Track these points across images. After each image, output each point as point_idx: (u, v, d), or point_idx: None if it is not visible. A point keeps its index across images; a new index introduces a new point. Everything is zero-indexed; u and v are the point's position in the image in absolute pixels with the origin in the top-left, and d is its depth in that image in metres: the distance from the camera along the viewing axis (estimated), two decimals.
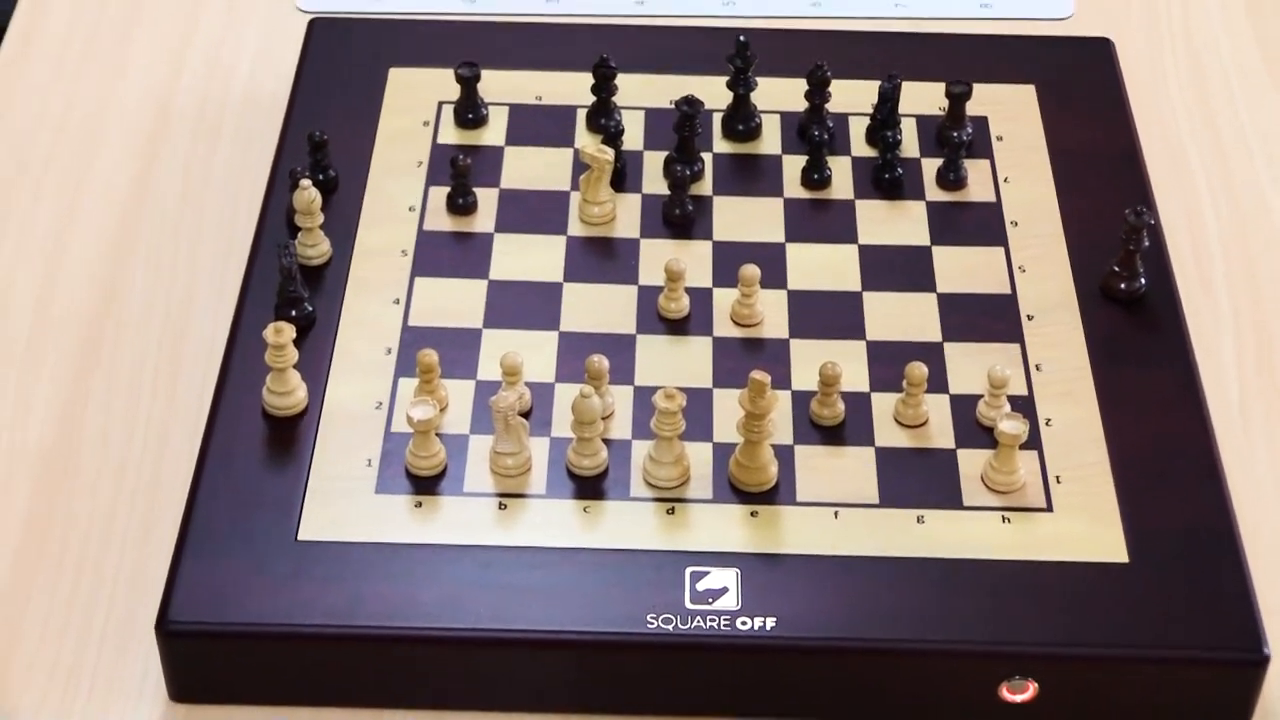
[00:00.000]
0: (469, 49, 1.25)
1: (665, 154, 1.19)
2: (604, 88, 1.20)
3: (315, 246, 1.12)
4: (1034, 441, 1.04)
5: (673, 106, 1.18)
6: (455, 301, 1.11)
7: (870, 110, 1.22)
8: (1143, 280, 1.12)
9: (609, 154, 1.14)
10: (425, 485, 1.01)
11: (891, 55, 1.27)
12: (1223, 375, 1.14)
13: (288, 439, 1.03)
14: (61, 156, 1.26)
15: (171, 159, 1.26)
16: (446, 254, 1.14)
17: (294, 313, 1.08)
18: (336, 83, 1.24)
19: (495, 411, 1.00)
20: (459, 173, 1.15)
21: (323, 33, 1.28)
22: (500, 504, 1.00)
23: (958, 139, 1.18)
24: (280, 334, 1.02)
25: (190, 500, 1.00)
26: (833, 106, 1.22)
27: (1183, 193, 1.25)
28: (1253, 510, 1.06)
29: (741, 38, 1.19)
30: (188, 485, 1.01)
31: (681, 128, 1.17)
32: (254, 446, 1.03)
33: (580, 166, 1.17)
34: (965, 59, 1.27)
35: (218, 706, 0.97)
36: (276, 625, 0.95)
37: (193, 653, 0.96)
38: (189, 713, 0.97)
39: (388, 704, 0.97)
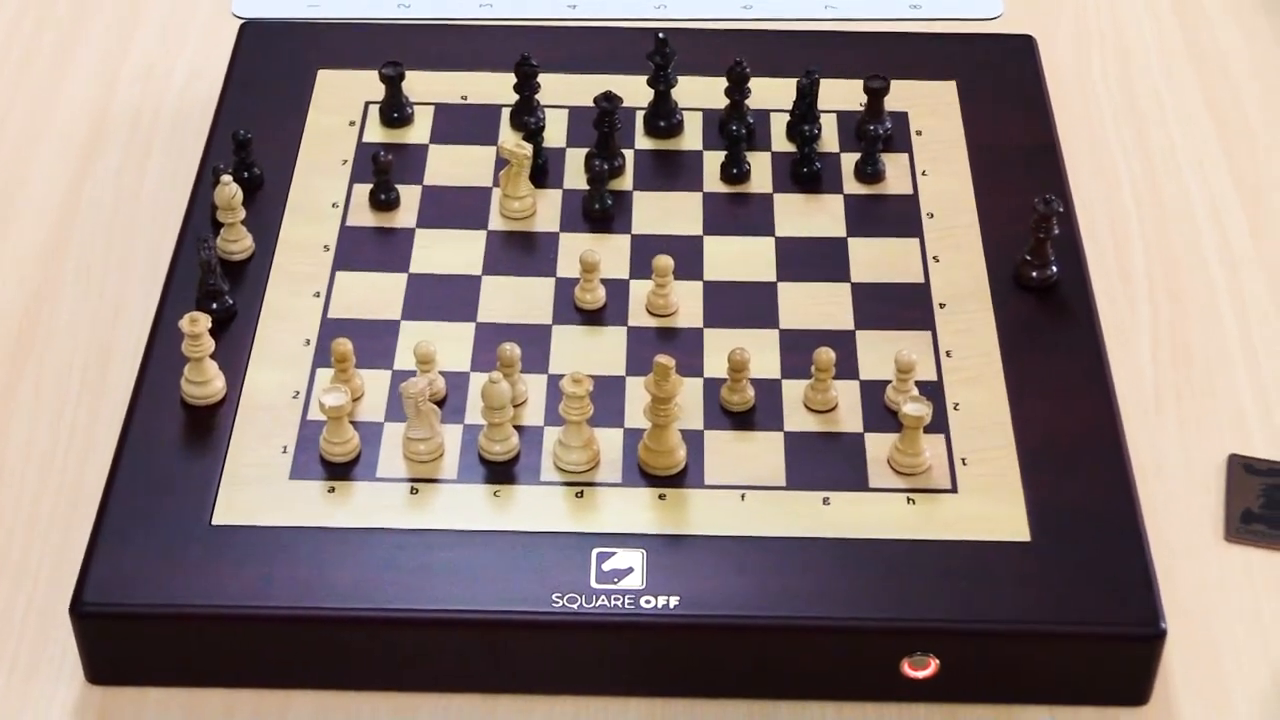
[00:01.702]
0: (397, 51, 1.27)
1: (587, 150, 1.20)
2: (526, 85, 1.22)
3: (237, 242, 1.14)
4: (941, 425, 1.05)
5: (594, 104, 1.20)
6: (375, 294, 1.12)
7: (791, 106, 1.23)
8: (1054, 269, 1.13)
9: (527, 149, 1.16)
10: (339, 471, 1.02)
11: (816, 54, 1.29)
12: (1138, 363, 1.15)
13: (205, 427, 1.05)
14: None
15: (105, 165, 1.28)
16: (368, 249, 1.15)
17: (214, 305, 1.10)
18: (265, 85, 1.26)
19: (405, 397, 1.01)
20: (380, 169, 1.17)
21: (253, 36, 1.30)
22: (412, 489, 1.02)
23: (874, 132, 1.19)
24: (195, 324, 1.04)
25: (107, 486, 1.01)
26: (756, 103, 1.24)
27: (1105, 186, 1.27)
28: (1159, 493, 1.07)
29: (660, 34, 1.21)
30: None
31: (600, 123, 1.19)
32: (172, 434, 1.04)
33: (503, 163, 1.18)
34: (888, 56, 1.29)
35: (135, 688, 0.98)
36: (189, 606, 0.96)
37: (107, 634, 0.97)
38: (106, 694, 0.98)
39: (299, 684, 0.98)
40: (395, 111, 1.23)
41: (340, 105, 1.25)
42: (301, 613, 0.96)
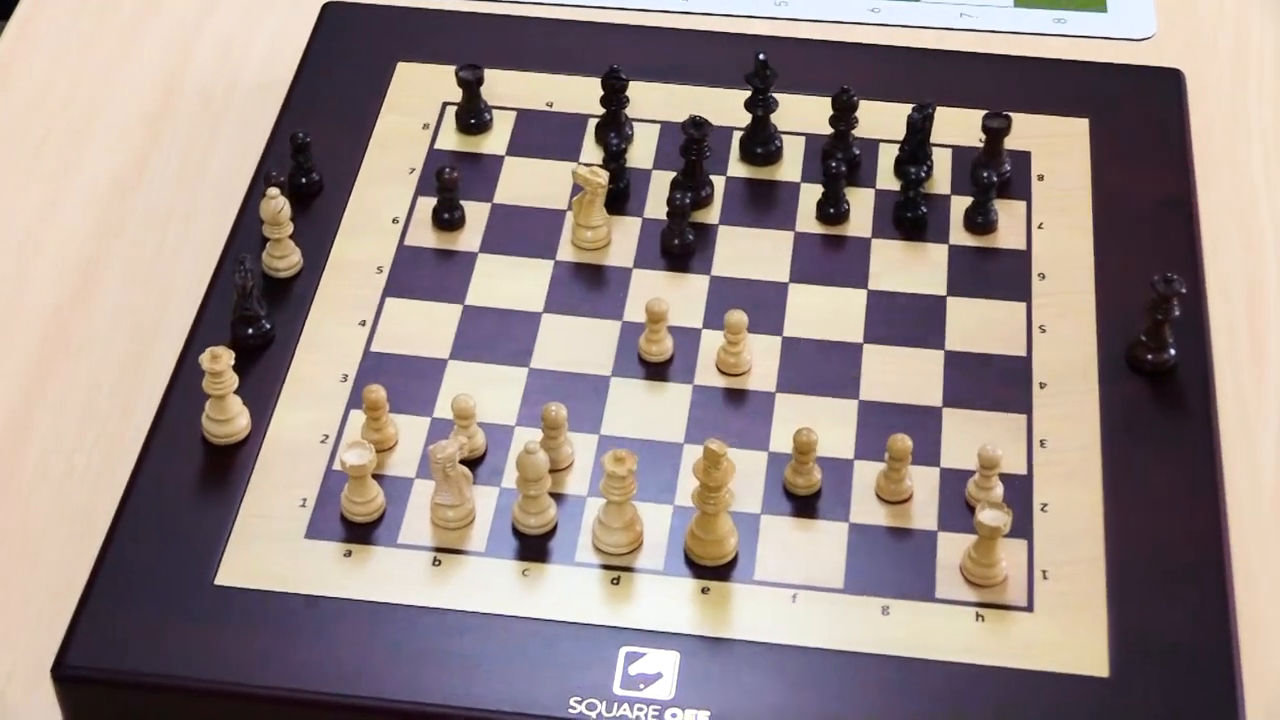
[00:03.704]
0: (484, 44, 1.18)
1: (672, 177, 1.10)
2: (613, 99, 1.12)
3: (284, 258, 1.06)
4: (1025, 529, 0.95)
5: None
6: (425, 326, 1.04)
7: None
8: (1172, 352, 1.02)
9: (602, 177, 1.06)
10: (358, 533, 0.94)
11: (940, 75, 1.18)
12: (1258, 462, 1.03)
13: (222, 469, 0.97)
14: (59, 135, 1.21)
15: (170, 145, 1.20)
16: (424, 273, 1.06)
17: (250, 330, 1.02)
18: (341, 74, 1.17)
19: (433, 462, 0.93)
20: (445, 186, 1.08)
21: (334, 19, 1.21)
22: (435, 559, 0.94)
23: (988, 180, 1.08)
24: (217, 360, 0.96)
25: (110, 533, 0.94)
26: (867, 130, 1.13)
27: (1247, 251, 1.13)
28: (1266, 621, 0.96)
29: (761, 55, 1.10)
30: None
31: (688, 151, 1.08)
32: (186, 476, 0.97)
33: (579, 186, 1.09)
34: (1018, 84, 1.17)
35: None
36: (179, 678, 0.89)
37: (89, 700, 0.90)
38: None
39: None
40: (472, 117, 1.14)
41: (416, 104, 1.16)
42: (300, 696, 0.89)
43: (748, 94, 1.13)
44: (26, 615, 0.96)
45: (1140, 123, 1.15)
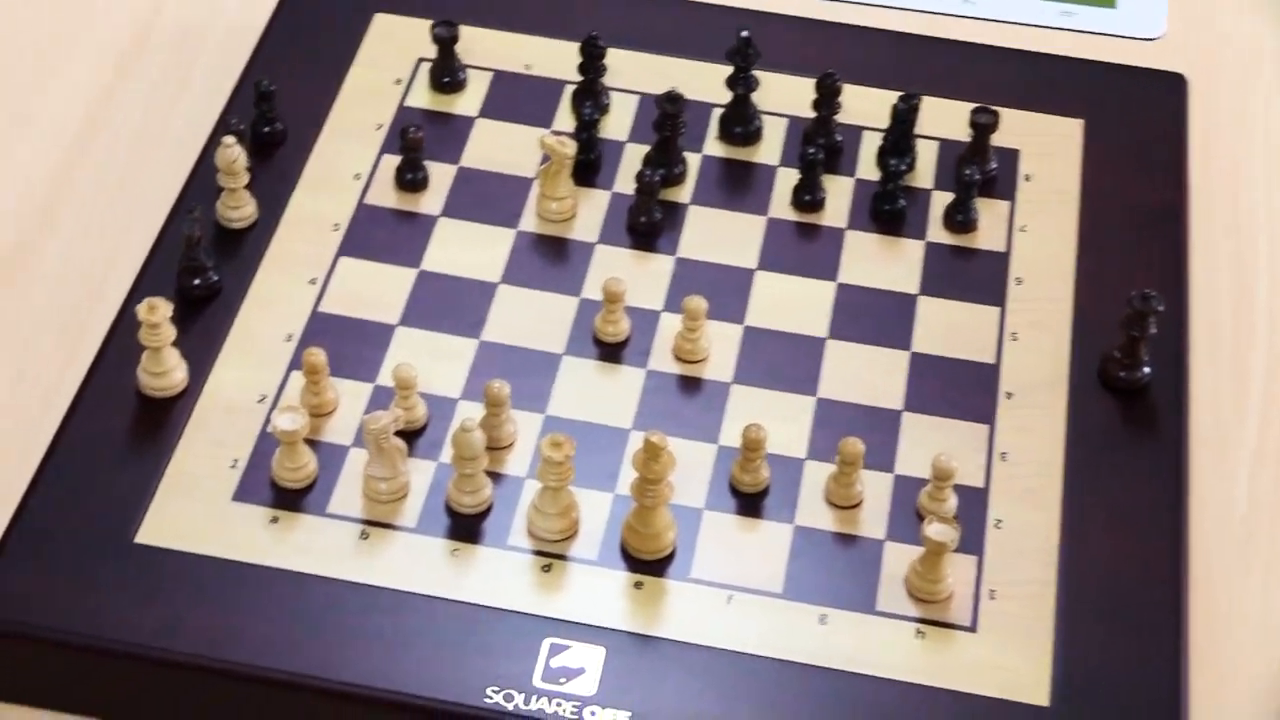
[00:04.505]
0: (466, 2, 1.14)
1: (645, 152, 1.07)
2: (590, 68, 1.08)
3: (238, 209, 1.02)
4: (976, 544, 0.91)
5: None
6: (377, 289, 1.00)
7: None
8: (1147, 370, 0.98)
9: (570, 147, 1.03)
10: (287, 499, 0.91)
11: (932, 63, 1.14)
12: (1230, 487, 0.99)
13: (155, 423, 0.94)
14: (24, 71, 1.17)
15: (138, 86, 1.16)
16: (381, 234, 1.03)
17: (196, 281, 0.99)
18: (316, 21, 1.14)
19: (366, 432, 0.90)
20: (409, 146, 1.04)
21: None
22: (363, 532, 0.90)
23: (970, 177, 1.04)
24: (154, 311, 0.93)
25: (32, 483, 0.91)
26: (852, 115, 1.09)
27: (1238, 268, 1.09)
28: (1223, 657, 0.92)
29: (744, 33, 1.06)
30: None
31: (661, 127, 1.05)
32: (117, 427, 0.94)
33: (547, 156, 1.05)
34: (1014, 78, 1.13)
35: (19, 707, 0.89)
36: (85, 636, 0.86)
37: None
38: None
39: None
40: (446, 76, 1.10)
41: (390, 58, 1.12)
42: (209, 664, 0.86)
43: (730, 70, 1.09)
44: None
45: (1137, 127, 1.11)
